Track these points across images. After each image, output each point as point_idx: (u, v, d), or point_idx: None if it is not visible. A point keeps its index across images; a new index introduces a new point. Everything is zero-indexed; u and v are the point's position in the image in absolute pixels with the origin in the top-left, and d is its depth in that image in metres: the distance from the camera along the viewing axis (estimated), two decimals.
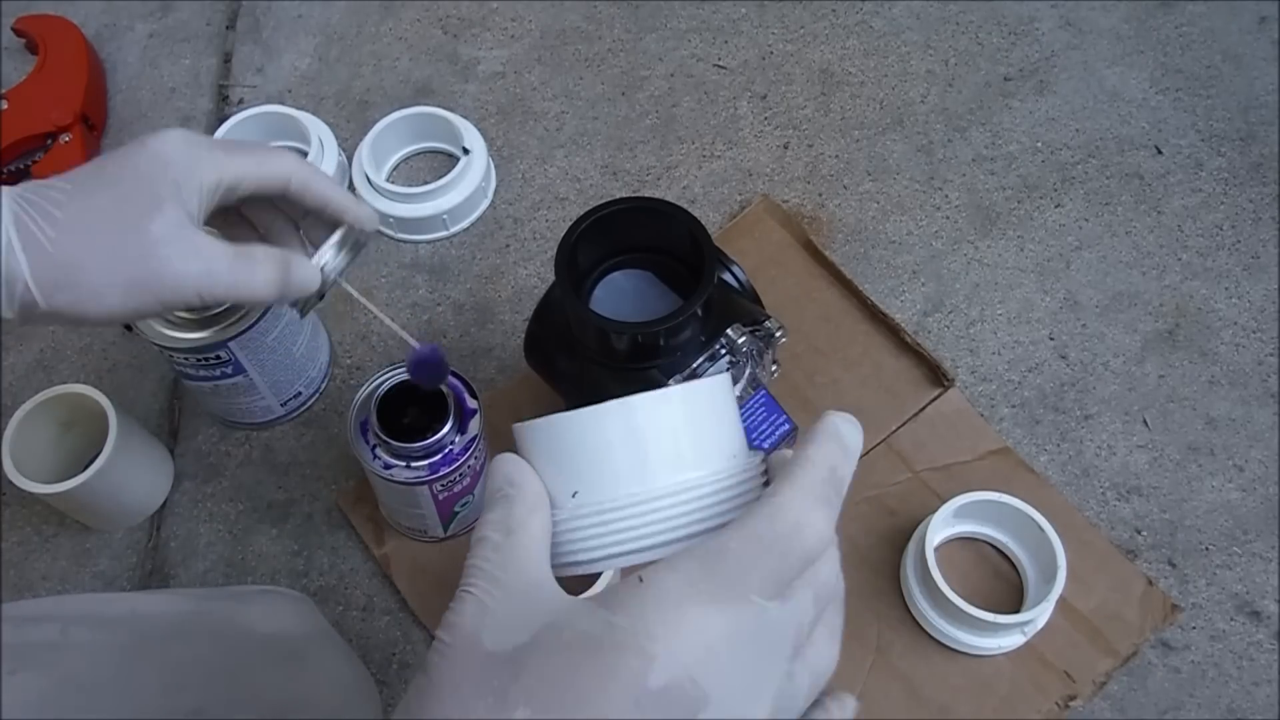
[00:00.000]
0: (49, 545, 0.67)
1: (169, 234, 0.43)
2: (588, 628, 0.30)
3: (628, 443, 0.34)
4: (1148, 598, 0.62)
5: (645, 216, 0.56)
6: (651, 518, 0.33)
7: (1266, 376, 0.70)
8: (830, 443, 0.33)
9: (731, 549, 0.30)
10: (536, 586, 0.32)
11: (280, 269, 0.47)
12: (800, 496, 0.31)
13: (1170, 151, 0.80)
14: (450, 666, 0.31)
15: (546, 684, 0.29)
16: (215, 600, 0.56)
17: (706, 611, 0.29)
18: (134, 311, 0.43)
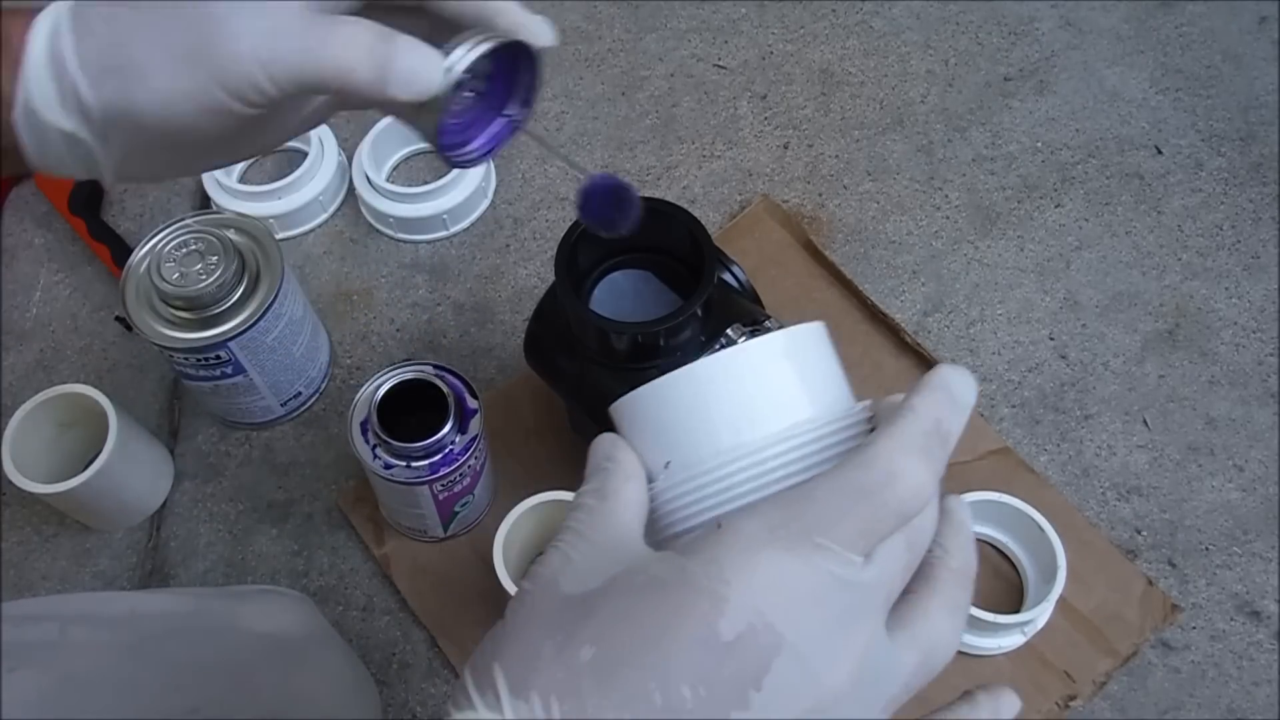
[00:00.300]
0: (49, 545, 0.67)
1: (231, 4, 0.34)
2: (660, 572, 0.29)
3: (702, 406, 0.33)
4: (1148, 598, 0.62)
5: (645, 216, 0.56)
6: (742, 475, 0.32)
7: (1266, 376, 0.70)
8: (937, 393, 0.31)
9: (817, 496, 0.29)
10: (621, 543, 0.31)
11: (379, 43, 0.35)
12: (898, 445, 0.29)
13: (1170, 151, 0.80)
14: (525, 609, 0.30)
15: (613, 624, 0.28)
16: (215, 600, 0.56)
17: (784, 558, 0.28)
18: (189, 98, 0.35)
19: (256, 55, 0.34)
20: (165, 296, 0.60)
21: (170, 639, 0.48)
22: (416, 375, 0.58)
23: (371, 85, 0.35)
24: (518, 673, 0.28)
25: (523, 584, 0.31)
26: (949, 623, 0.31)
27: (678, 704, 0.27)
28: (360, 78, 0.35)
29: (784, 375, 0.33)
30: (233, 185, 0.76)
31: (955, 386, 0.31)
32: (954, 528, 0.32)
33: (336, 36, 0.35)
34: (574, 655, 0.28)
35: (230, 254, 0.60)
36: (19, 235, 0.79)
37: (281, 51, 0.34)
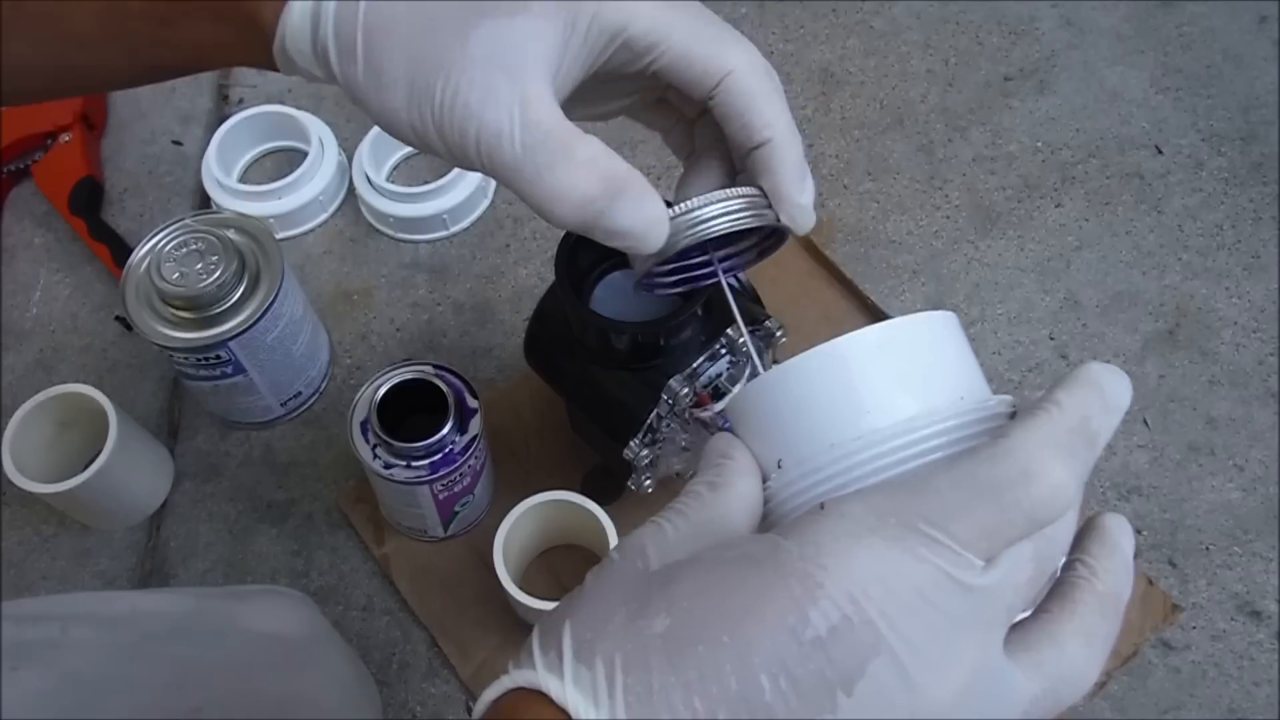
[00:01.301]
0: (49, 545, 0.67)
1: (488, 52, 0.32)
2: (752, 549, 0.26)
3: (814, 397, 0.30)
4: (1148, 598, 0.62)
5: None
6: (858, 471, 0.29)
7: (1266, 376, 0.70)
8: (1086, 390, 0.27)
9: (937, 486, 0.26)
10: (722, 526, 0.29)
11: (604, 186, 0.33)
12: (1037, 440, 0.26)
13: (1170, 151, 0.80)
14: (606, 575, 0.28)
15: (693, 596, 0.26)
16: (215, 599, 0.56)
17: (891, 548, 0.25)
18: (411, 128, 0.34)
19: (484, 143, 0.33)
20: (165, 296, 0.60)
21: (172, 638, 0.48)
22: (416, 375, 0.58)
23: (574, 228, 0.34)
24: (585, 636, 0.26)
25: (611, 552, 0.29)
26: (1084, 653, 0.27)
27: (754, 693, 0.24)
28: (566, 212, 0.33)
29: (904, 363, 0.30)
30: (233, 185, 0.76)
31: (1108, 385, 0.28)
32: (1107, 549, 0.28)
33: (561, 172, 0.33)
34: (647, 624, 0.25)
35: (230, 254, 0.60)
36: (19, 235, 0.79)
37: (506, 156, 0.33)
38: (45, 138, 0.79)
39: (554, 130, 0.33)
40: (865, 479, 0.28)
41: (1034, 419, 0.26)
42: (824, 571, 0.25)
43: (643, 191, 0.34)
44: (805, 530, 0.26)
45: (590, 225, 0.34)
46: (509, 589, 0.56)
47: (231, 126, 0.78)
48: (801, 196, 0.36)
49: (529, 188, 0.33)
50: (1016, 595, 0.26)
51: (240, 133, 0.79)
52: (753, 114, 0.36)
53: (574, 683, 0.25)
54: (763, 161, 0.36)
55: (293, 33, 0.35)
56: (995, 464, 0.26)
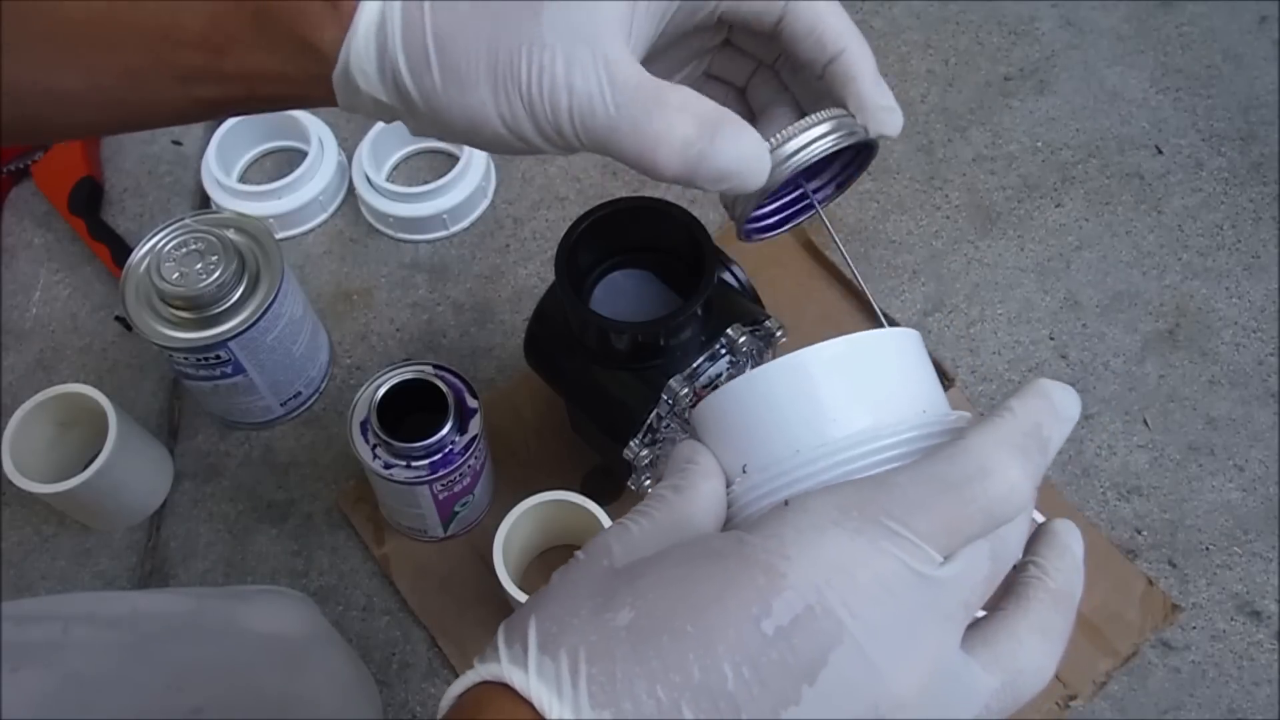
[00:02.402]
0: (49, 545, 0.67)
1: (563, 27, 0.33)
2: (718, 545, 0.27)
3: (779, 406, 0.31)
4: (1148, 598, 0.62)
5: (645, 216, 0.56)
6: (821, 478, 0.29)
7: (1266, 376, 0.70)
8: (1037, 399, 0.28)
9: (898, 483, 0.26)
10: (687, 526, 0.30)
11: (701, 126, 0.33)
12: (993, 440, 0.27)
13: (1170, 151, 0.80)
14: (572, 573, 0.28)
15: (658, 588, 0.26)
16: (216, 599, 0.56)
17: (853, 539, 0.25)
18: (500, 120, 0.34)
19: (577, 112, 0.33)
20: (165, 296, 0.60)
21: (172, 638, 0.48)
22: (416, 375, 0.58)
23: (678, 176, 0.34)
24: (550, 630, 0.26)
25: (576, 553, 0.29)
26: (1041, 648, 0.28)
27: (717, 682, 0.24)
28: (669, 162, 0.33)
29: (867, 376, 0.31)
30: (232, 185, 0.76)
31: (1058, 397, 0.29)
32: (1057, 550, 0.29)
33: (658, 119, 0.33)
34: (612, 617, 0.26)
35: (230, 254, 0.60)
36: (19, 235, 0.79)
37: (600, 118, 0.33)
38: None
39: (643, 83, 0.33)
40: (827, 483, 0.29)
41: (990, 422, 0.28)
42: (787, 562, 0.25)
43: (739, 127, 0.34)
44: (769, 524, 0.27)
45: (693, 170, 0.34)
46: (509, 589, 0.56)
47: (231, 126, 0.78)
48: (885, 98, 0.37)
49: (629, 144, 0.33)
50: (973, 591, 0.27)
51: (240, 133, 0.79)
52: (824, 27, 0.36)
53: (538, 675, 0.26)
54: (841, 73, 0.37)
55: (357, 55, 0.34)
56: (954, 462, 0.27)
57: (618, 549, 0.29)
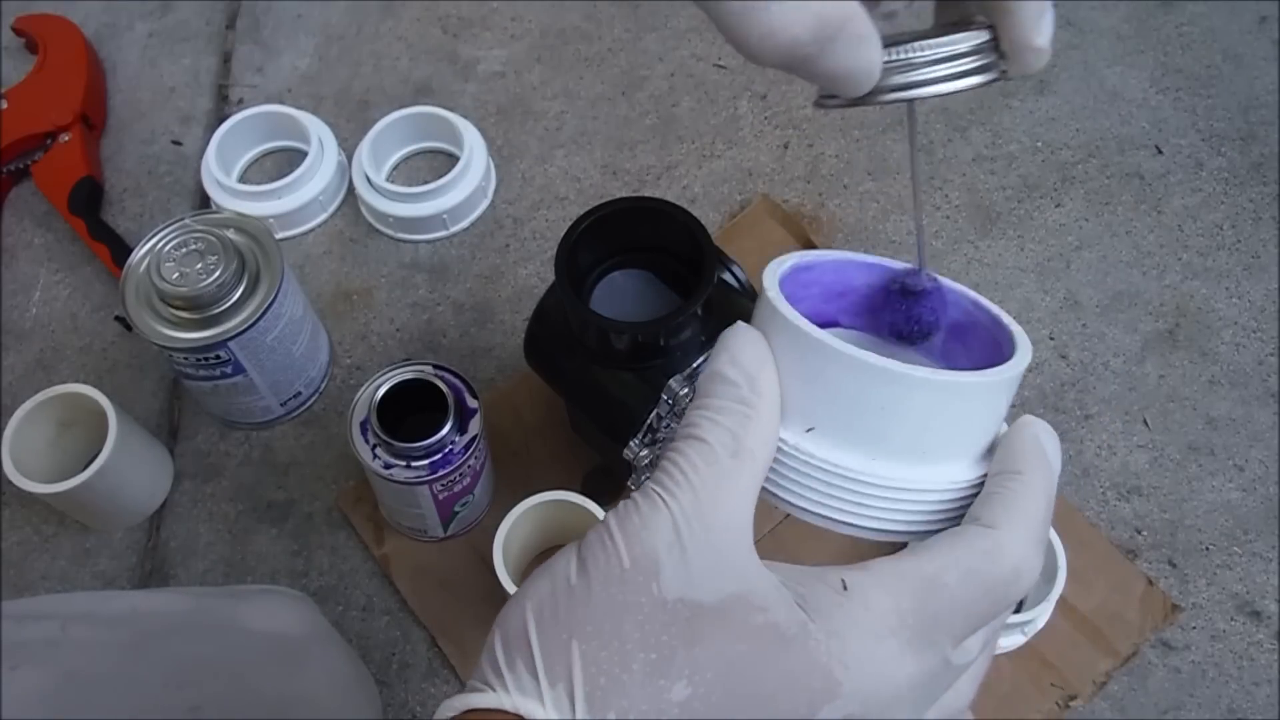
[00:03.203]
0: (49, 545, 0.67)
1: None
2: (781, 620, 0.26)
3: (902, 417, 0.29)
4: (1148, 598, 0.62)
5: (645, 216, 0.56)
6: (878, 499, 0.30)
7: (1266, 376, 0.70)
8: (1043, 464, 0.29)
9: (948, 585, 0.27)
10: (736, 537, 0.28)
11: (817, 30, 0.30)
12: (1025, 537, 0.28)
13: (1170, 151, 0.80)
14: (615, 589, 0.27)
15: (719, 667, 0.26)
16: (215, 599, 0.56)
17: (906, 654, 0.27)
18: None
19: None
20: (165, 296, 0.60)
21: (171, 637, 0.48)
22: (416, 375, 0.58)
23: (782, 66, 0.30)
24: (597, 679, 0.25)
25: (613, 534, 0.27)
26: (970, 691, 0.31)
27: None
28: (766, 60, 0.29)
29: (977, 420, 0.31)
30: (232, 185, 0.76)
31: (1050, 455, 0.30)
32: None
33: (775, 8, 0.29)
34: (667, 688, 0.25)
35: (230, 254, 0.60)
36: (19, 235, 0.79)
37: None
38: (45, 138, 0.79)
39: None
40: (875, 507, 0.30)
41: (1018, 509, 0.28)
42: (845, 670, 0.26)
43: (859, 39, 0.30)
44: (833, 617, 0.27)
45: (792, 67, 0.30)
46: (509, 589, 0.56)
47: (231, 126, 0.78)
48: (1039, 38, 0.31)
49: (733, 20, 0.29)
50: (969, 668, 0.29)
51: (240, 133, 0.79)
52: None
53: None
54: None
55: None
56: (995, 564, 0.28)
57: (667, 572, 0.27)
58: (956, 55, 0.32)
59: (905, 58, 0.32)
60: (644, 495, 0.28)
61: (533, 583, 0.28)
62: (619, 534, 0.27)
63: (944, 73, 0.32)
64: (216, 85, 0.86)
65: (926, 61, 0.32)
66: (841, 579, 0.27)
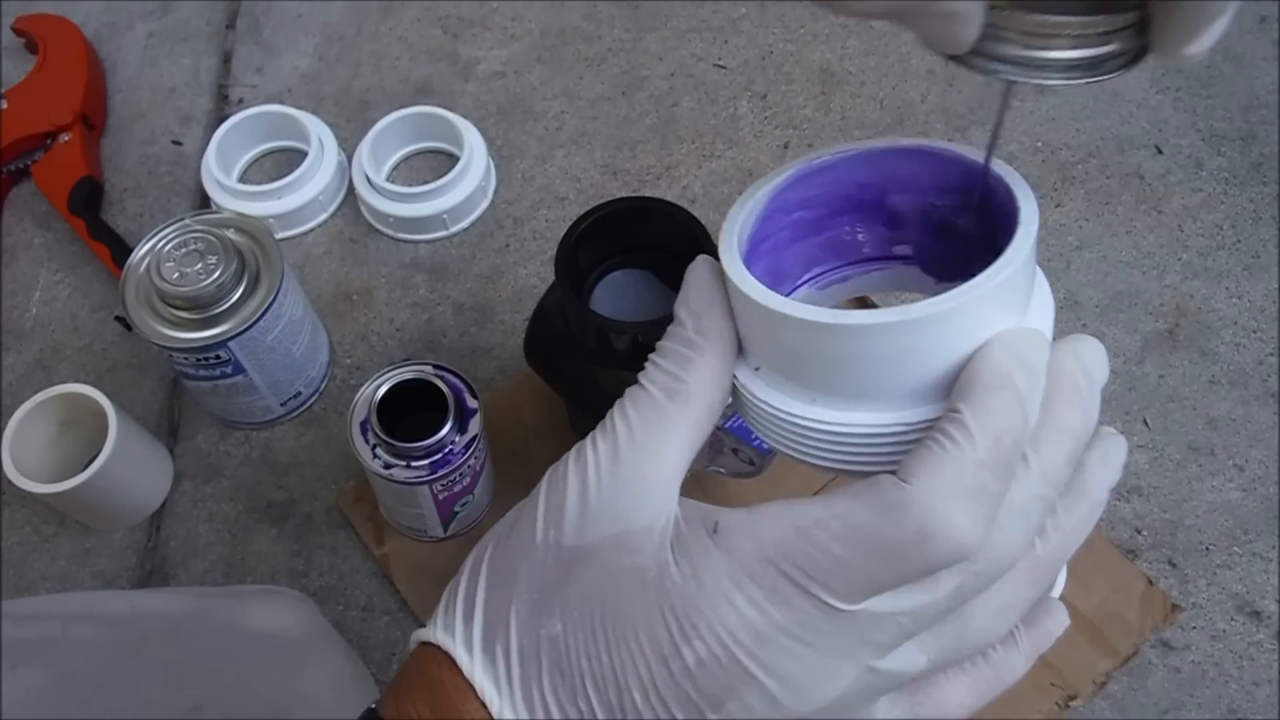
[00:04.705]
0: (49, 545, 0.67)
1: None
2: (646, 561, 0.27)
3: (839, 364, 0.28)
4: (1148, 598, 0.62)
5: (645, 216, 0.56)
6: (824, 441, 0.29)
7: (1266, 376, 0.70)
8: (999, 394, 0.25)
9: (823, 537, 0.25)
10: (648, 477, 0.28)
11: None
12: (937, 491, 0.24)
13: (1170, 151, 0.80)
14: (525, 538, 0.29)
15: (583, 605, 0.28)
16: (215, 599, 0.56)
17: (768, 598, 0.26)
18: None
19: None
20: (165, 296, 0.60)
21: (171, 637, 0.48)
22: (416, 375, 0.58)
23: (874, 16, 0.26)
24: (493, 620, 0.29)
25: (541, 485, 0.30)
26: (964, 701, 0.30)
27: (628, 704, 0.27)
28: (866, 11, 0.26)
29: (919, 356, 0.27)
30: (232, 185, 0.76)
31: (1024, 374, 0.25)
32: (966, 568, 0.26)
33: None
34: (544, 623, 0.28)
35: (230, 254, 0.60)
36: (19, 235, 0.79)
37: None
38: (45, 138, 0.79)
39: None
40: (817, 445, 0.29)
41: (934, 457, 0.25)
42: (699, 614, 0.26)
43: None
44: (695, 559, 0.27)
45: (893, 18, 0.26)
46: None
47: (231, 126, 0.78)
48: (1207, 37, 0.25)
49: None
50: (899, 631, 0.26)
51: (240, 133, 0.79)
52: None
53: (483, 669, 0.29)
54: None
55: None
56: (889, 520, 0.25)
57: (571, 516, 0.29)
58: (1071, 60, 0.26)
59: (1013, 38, 0.26)
60: (578, 445, 0.30)
61: (490, 532, 0.32)
62: (545, 484, 0.30)
63: (1052, 57, 0.26)
64: (216, 85, 0.86)
65: (1035, 60, 0.26)
66: (716, 520, 0.27)
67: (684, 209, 0.55)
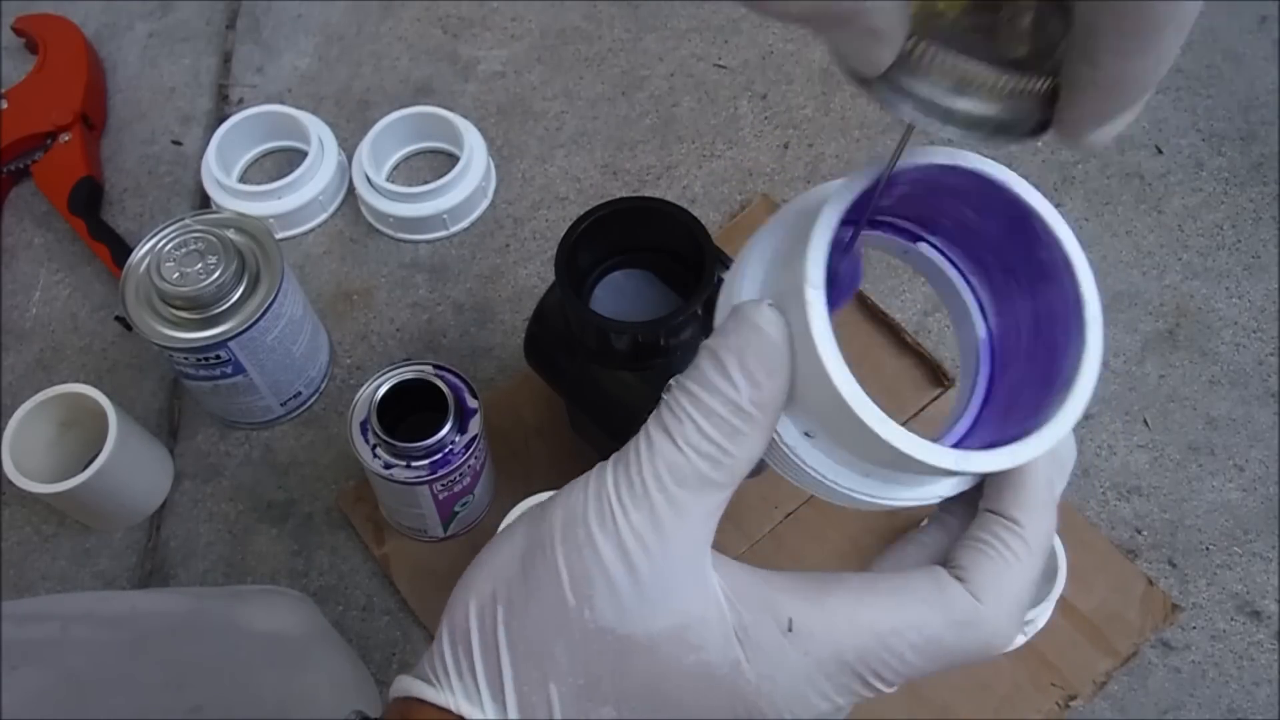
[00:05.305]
0: (49, 545, 0.67)
1: None
2: (713, 659, 0.26)
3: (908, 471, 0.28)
4: (1148, 598, 0.62)
5: (645, 216, 0.56)
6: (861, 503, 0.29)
7: (1266, 376, 0.70)
8: (1048, 513, 0.28)
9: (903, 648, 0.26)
10: (688, 558, 0.26)
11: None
12: (1009, 611, 0.27)
13: (1170, 151, 0.80)
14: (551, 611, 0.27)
15: (646, 698, 0.26)
16: (215, 599, 0.56)
17: (836, 696, 0.27)
18: None
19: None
20: (165, 296, 0.60)
21: (171, 638, 0.48)
22: (416, 375, 0.58)
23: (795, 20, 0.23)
24: (529, 696, 0.26)
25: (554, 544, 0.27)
26: None
27: None
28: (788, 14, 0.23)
29: None
30: (232, 185, 0.76)
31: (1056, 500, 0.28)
32: None
33: None
34: (594, 709, 0.26)
35: (230, 254, 0.60)
36: (19, 235, 0.79)
37: None
38: (45, 138, 0.79)
39: None
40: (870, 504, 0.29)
41: (1000, 574, 0.27)
42: (773, 709, 0.26)
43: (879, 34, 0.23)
44: (770, 659, 0.26)
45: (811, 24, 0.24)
46: None
47: (231, 126, 0.78)
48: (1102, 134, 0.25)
49: None
50: None
51: (240, 133, 0.79)
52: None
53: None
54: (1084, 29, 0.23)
55: None
56: (962, 636, 0.27)
57: (602, 594, 0.26)
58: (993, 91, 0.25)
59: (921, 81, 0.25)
60: (597, 501, 0.27)
61: (477, 573, 0.29)
62: (560, 545, 0.27)
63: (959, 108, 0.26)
64: (216, 85, 0.86)
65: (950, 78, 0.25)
66: (789, 617, 0.26)
67: (684, 209, 0.55)
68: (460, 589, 0.29)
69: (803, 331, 0.26)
